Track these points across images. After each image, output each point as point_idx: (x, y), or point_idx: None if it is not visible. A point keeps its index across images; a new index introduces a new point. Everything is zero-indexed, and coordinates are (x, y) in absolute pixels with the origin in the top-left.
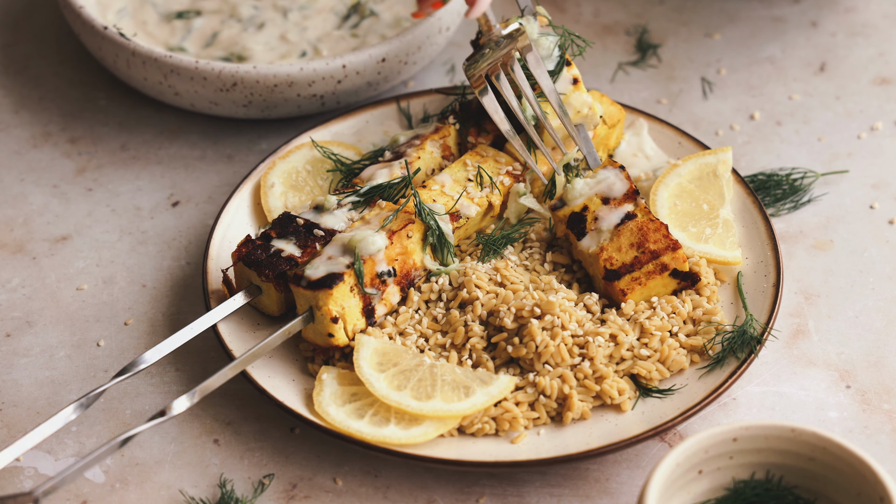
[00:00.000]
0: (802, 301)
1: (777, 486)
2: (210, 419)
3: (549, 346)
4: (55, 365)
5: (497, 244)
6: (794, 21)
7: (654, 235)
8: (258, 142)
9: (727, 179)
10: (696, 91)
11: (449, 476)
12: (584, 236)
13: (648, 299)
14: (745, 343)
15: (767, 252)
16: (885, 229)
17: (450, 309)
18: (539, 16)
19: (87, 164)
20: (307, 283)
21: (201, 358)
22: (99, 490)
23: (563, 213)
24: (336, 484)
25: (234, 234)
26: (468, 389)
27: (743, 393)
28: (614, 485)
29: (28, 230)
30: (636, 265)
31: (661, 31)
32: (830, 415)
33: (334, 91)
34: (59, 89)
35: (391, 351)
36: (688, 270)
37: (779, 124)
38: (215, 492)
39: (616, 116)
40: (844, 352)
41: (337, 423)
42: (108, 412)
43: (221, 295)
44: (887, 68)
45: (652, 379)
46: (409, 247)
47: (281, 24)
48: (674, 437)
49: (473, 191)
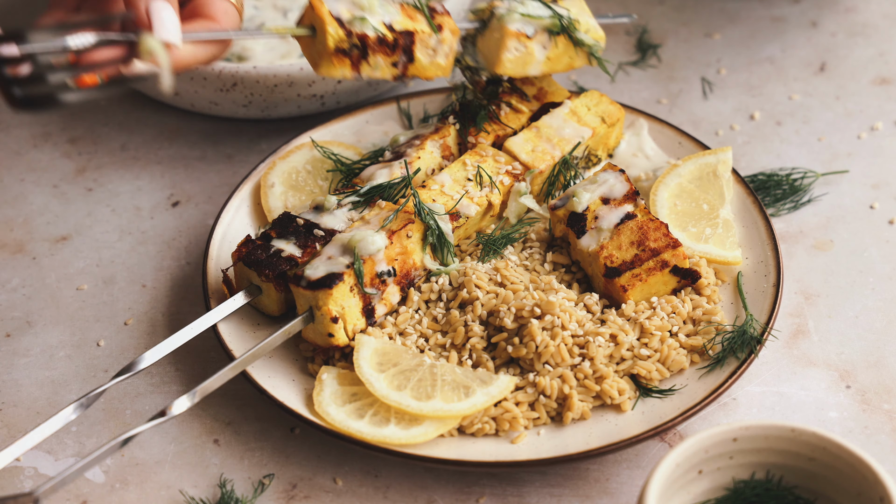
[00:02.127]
0: (802, 301)
1: (777, 486)
2: (210, 419)
3: (549, 346)
4: (55, 365)
5: (497, 244)
6: (794, 21)
7: (654, 234)
8: (258, 142)
9: (727, 179)
10: (696, 91)
11: (449, 476)
12: (583, 235)
13: (649, 298)
14: (745, 343)
15: (767, 252)
16: (885, 229)
17: (450, 309)
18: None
19: (87, 164)
20: (307, 283)
21: (201, 358)
22: (99, 490)
23: (562, 213)
24: (336, 484)
25: (234, 234)
26: (468, 389)
27: (743, 393)
28: (614, 485)
29: (28, 230)
30: (636, 262)
31: (661, 31)
32: (830, 415)
33: (334, 91)
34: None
35: (391, 351)
36: (688, 267)
37: (779, 124)
38: (215, 492)
39: (616, 116)
40: (844, 352)
41: (337, 423)
42: (108, 412)
43: (221, 295)
44: (887, 68)
45: (652, 379)
46: (408, 247)
47: (281, 24)
48: (674, 437)
49: (473, 190)
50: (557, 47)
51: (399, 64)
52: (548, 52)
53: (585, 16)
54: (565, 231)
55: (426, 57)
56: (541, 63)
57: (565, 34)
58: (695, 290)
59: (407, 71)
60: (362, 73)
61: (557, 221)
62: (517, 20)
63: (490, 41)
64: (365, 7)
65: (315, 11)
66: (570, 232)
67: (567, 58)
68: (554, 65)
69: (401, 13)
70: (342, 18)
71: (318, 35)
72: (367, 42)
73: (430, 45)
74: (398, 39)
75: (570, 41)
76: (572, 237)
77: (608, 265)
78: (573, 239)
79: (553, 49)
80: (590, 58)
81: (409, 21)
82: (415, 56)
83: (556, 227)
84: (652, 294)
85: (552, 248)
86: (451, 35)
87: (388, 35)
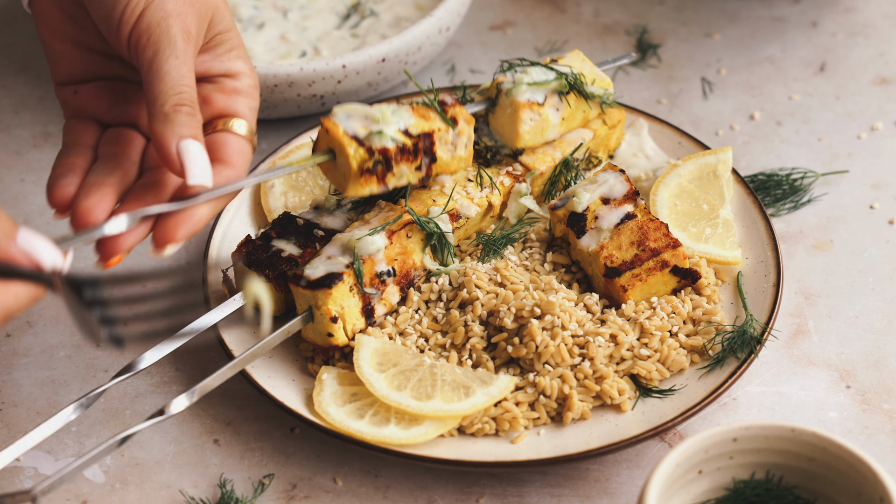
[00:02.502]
0: (802, 301)
1: (777, 486)
2: (210, 419)
3: (549, 346)
4: (55, 365)
5: (497, 244)
6: (794, 21)
7: (654, 234)
8: (258, 142)
9: (727, 179)
10: (696, 91)
11: (449, 476)
12: (583, 235)
13: (649, 298)
14: (745, 343)
15: (767, 252)
16: (885, 229)
17: (450, 309)
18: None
19: None
20: (306, 283)
21: (201, 358)
22: (99, 490)
23: (562, 213)
24: (336, 484)
25: (234, 233)
26: (468, 389)
27: (743, 393)
28: (614, 485)
29: None
30: (636, 262)
31: (661, 31)
32: (830, 415)
33: (334, 91)
34: None
35: (391, 351)
36: (688, 267)
37: (779, 124)
38: (215, 492)
39: (616, 117)
40: (844, 352)
41: (337, 423)
42: (108, 412)
43: (221, 295)
44: (887, 68)
45: (652, 379)
46: (408, 246)
47: (281, 24)
48: (674, 437)
49: (473, 191)
50: (570, 106)
51: (423, 166)
52: (561, 113)
53: (588, 67)
54: (565, 231)
55: (447, 153)
56: (557, 126)
57: (574, 91)
58: (695, 290)
59: (431, 171)
60: (389, 185)
61: (557, 221)
62: (526, 91)
63: (503, 118)
64: (379, 119)
65: (331, 135)
66: (570, 232)
67: (580, 113)
68: (570, 123)
69: (414, 115)
70: (359, 136)
71: (339, 158)
72: (388, 155)
73: (448, 140)
74: (418, 143)
75: (581, 96)
76: (572, 237)
77: (608, 265)
78: (573, 239)
79: (566, 109)
80: (602, 106)
81: (423, 122)
82: (436, 155)
83: (556, 227)
84: (652, 294)
85: (552, 248)
86: (467, 125)
87: (407, 143)
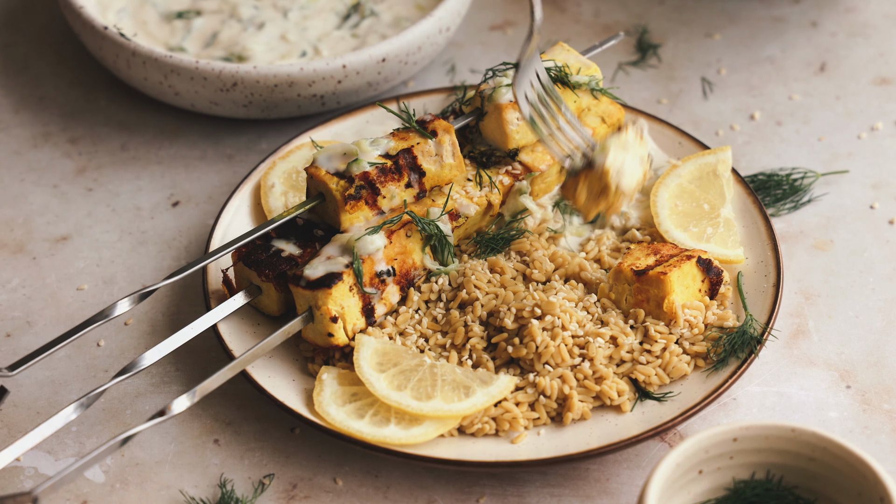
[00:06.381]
0: (802, 301)
1: (777, 486)
2: (210, 419)
3: (549, 346)
4: (55, 365)
5: (497, 244)
6: (794, 21)
7: (666, 246)
8: (258, 142)
9: (727, 178)
10: (696, 91)
11: (449, 476)
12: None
13: (688, 289)
14: (745, 343)
15: (767, 252)
16: (885, 229)
17: (450, 309)
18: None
19: (87, 164)
20: (306, 283)
21: (201, 358)
22: (99, 490)
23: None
24: (336, 484)
25: (234, 234)
26: (468, 389)
27: (743, 393)
28: (614, 485)
29: (28, 230)
30: (660, 262)
31: (661, 31)
32: (830, 415)
33: (334, 91)
34: (59, 89)
35: (391, 351)
36: (709, 259)
37: (779, 124)
38: (215, 492)
39: (616, 116)
40: (844, 352)
41: (337, 423)
42: (108, 412)
43: (221, 295)
44: (887, 68)
45: (652, 384)
46: (408, 246)
47: (281, 24)
48: (674, 437)
49: (473, 190)
50: None
51: (413, 182)
52: None
53: (573, 57)
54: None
55: (434, 164)
56: None
57: (559, 83)
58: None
59: (424, 185)
60: (382, 208)
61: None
62: (507, 92)
63: (491, 123)
64: (356, 152)
65: (315, 178)
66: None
67: (570, 103)
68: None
69: (393, 140)
70: (339, 171)
71: (327, 197)
72: (370, 178)
73: (431, 152)
74: (399, 161)
75: (568, 87)
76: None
77: (634, 269)
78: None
79: None
80: (593, 93)
81: (402, 142)
82: (423, 168)
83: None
84: (688, 285)
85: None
86: (447, 132)
87: (386, 162)
